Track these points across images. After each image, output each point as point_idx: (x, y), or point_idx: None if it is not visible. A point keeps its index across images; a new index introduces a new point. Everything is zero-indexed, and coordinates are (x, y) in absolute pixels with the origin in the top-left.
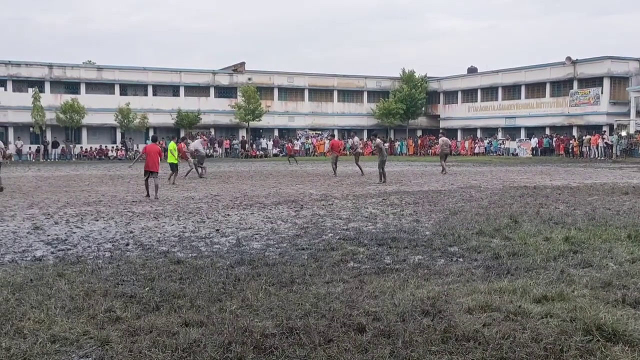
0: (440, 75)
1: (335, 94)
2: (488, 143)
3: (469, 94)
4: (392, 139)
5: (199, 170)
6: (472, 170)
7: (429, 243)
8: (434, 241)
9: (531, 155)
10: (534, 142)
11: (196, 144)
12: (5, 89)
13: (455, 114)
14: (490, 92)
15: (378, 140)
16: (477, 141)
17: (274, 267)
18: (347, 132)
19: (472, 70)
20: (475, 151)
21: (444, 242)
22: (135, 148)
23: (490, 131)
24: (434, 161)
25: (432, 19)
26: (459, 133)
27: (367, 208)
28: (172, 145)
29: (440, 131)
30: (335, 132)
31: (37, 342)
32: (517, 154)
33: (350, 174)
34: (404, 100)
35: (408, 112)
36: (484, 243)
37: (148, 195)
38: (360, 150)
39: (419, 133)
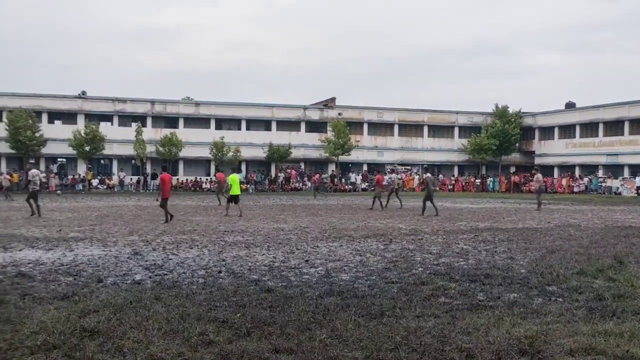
0: (536, 110)
1: (426, 129)
2: (588, 181)
3: (567, 130)
4: (484, 176)
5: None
6: (571, 208)
7: (524, 281)
8: (530, 279)
9: (636, 195)
10: (639, 180)
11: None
12: (112, 124)
13: (551, 150)
14: (590, 128)
15: (427, 174)
16: (575, 179)
17: (363, 298)
18: (437, 168)
19: (570, 106)
20: (574, 190)
21: (541, 280)
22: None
23: (589, 169)
24: (528, 198)
25: (527, 54)
26: (556, 170)
27: (459, 244)
28: (234, 177)
29: (535, 167)
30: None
31: None
32: (620, 193)
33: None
34: (497, 135)
35: (501, 148)
36: (585, 283)
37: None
38: (397, 187)
39: (512, 169)
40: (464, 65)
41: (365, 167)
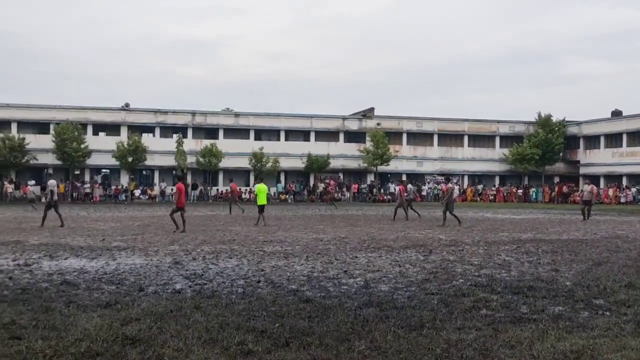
0: (580, 119)
1: (466, 138)
2: (635, 191)
3: (613, 139)
4: (527, 186)
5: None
6: (618, 219)
7: (570, 294)
8: (576, 292)
9: None
10: None
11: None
12: (154, 135)
13: (597, 159)
14: (637, 137)
15: (450, 185)
16: (622, 189)
17: (403, 310)
18: (477, 178)
19: (616, 114)
20: (621, 200)
21: (587, 293)
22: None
23: (637, 179)
24: (573, 209)
25: (569, 62)
26: (602, 180)
27: (500, 255)
28: (261, 187)
29: (586, 181)
30: (466, 178)
31: None
32: None
33: (476, 219)
34: (540, 145)
35: (544, 157)
36: (634, 296)
37: (180, 229)
38: (412, 197)
39: (556, 180)
40: (505, 73)
41: (404, 177)
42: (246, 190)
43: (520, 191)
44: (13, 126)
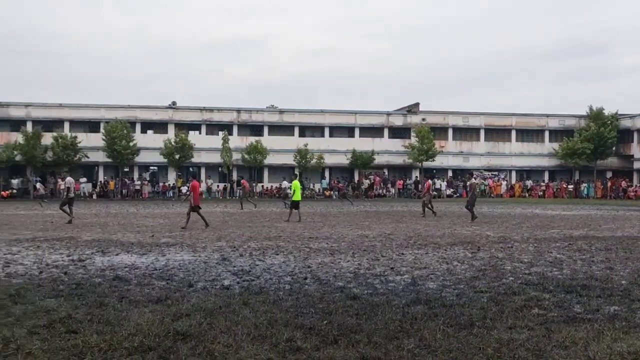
0: (634, 112)
1: (514, 133)
2: None
3: None
4: (578, 181)
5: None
6: None
7: (625, 293)
8: (632, 291)
9: None
10: None
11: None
12: (200, 132)
13: None
14: None
15: (473, 180)
16: None
17: (452, 308)
18: (525, 173)
19: None
20: None
21: None
22: (311, 187)
23: None
24: (627, 205)
25: (624, 53)
26: None
27: (551, 253)
28: (297, 183)
29: None
30: (513, 174)
31: None
32: None
33: (525, 215)
34: (591, 139)
35: (596, 152)
36: None
37: (182, 226)
38: (434, 193)
39: (609, 174)
40: (554, 66)
41: (450, 173)
42: (290, 186)
43: (570, 187)
44: (66, 125)
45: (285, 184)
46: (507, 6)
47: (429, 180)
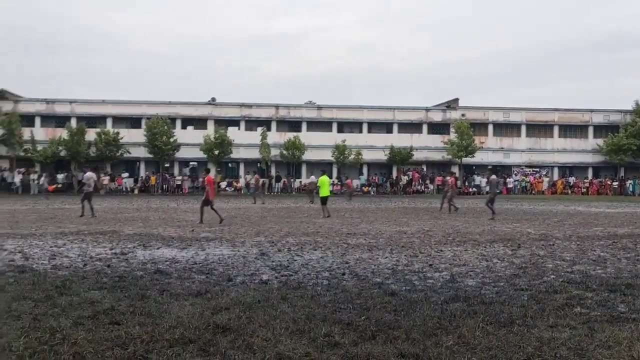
0: None
1: (556, 129)
2: None
3: None
4: (623, 178)
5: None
6: None
7: None
8: None
9: None
10: None
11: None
12: (239, 128)
13: None
14: None
15: (493, 176)
16: None
17: (491, 305)
18: (568, 170)
19: None
20: None
21: None
22: (348, 181)
23: None
24: None
25: None
26: None
27: (595, 250)
28: (324, 179)
29: None
30: (556, 170)
31: (265, 358)
32: None
33: (567, 212)
34: (638, 134)
35: None
36: None
37: (198, 222)
38: (452, 191)
39: None
40: (598, 60)
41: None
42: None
43: (615, 183)
44: (108, 121)
45: (312, 178)
46: None
47: (453, 177)
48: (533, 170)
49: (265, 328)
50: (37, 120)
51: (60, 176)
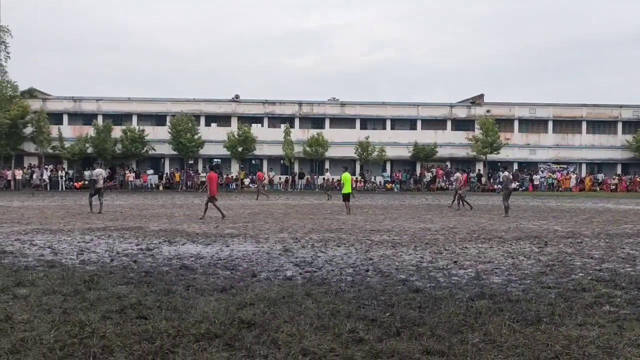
0: None
1: (584, 125)
2: None
3: None
4: None
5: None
6: None
7: None
8: None
9: None
10: None
11: None
12: (262, 125)
13: None
14: None
15: (506, 173)
16: None
17: (518, 303)
18: (596, 167)
19: None
20: None
21: None
22: (372, 179)
23: None
24: None
25: None
26: None
27: (624, 248)
28: (346, 176)
29: None
30: (584, 166)
31: (290, 354)
32: None
33: (595, 209)
34: None
35: None
36: None
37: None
38: (460, 189)
39: None
40: (627, 55)
41: (515, 166)
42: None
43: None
44: (134, 118)
45: (328, 175)
46: None
47: (465, 174)
48: (560, 167)
49: (289, 323)
50: (65, 118)
51: (87, 173)
